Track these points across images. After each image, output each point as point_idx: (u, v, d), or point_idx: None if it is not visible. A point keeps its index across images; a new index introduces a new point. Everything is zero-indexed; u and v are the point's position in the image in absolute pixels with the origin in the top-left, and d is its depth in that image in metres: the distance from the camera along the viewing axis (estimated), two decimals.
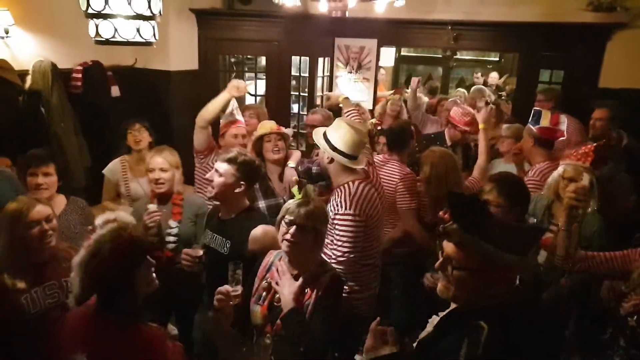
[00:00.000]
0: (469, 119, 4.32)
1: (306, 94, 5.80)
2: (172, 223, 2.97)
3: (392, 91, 7.44)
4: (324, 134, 2.73)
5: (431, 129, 5.12)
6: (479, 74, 9.32)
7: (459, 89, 7.61)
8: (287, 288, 2.06)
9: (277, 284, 2.12)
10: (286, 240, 2.08)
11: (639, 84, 4.83)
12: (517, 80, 5.71)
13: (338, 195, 2.64)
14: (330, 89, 6.07)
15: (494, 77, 8.87)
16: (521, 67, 5.62)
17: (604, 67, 5.02)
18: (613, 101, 4.22)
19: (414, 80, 5.26)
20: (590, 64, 5.04)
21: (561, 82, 5.30)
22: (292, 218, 2.08)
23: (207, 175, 2.56)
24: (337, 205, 2.61)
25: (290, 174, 3.34)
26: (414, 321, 3.10)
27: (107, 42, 2.12)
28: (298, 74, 5.78)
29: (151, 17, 2.14)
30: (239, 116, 3.49)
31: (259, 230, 2.45)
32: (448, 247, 1.58)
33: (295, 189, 2.24)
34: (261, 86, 5.92)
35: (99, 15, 2.07)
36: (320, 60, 5.85)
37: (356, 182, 2.66)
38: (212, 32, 5.52)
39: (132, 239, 1.87)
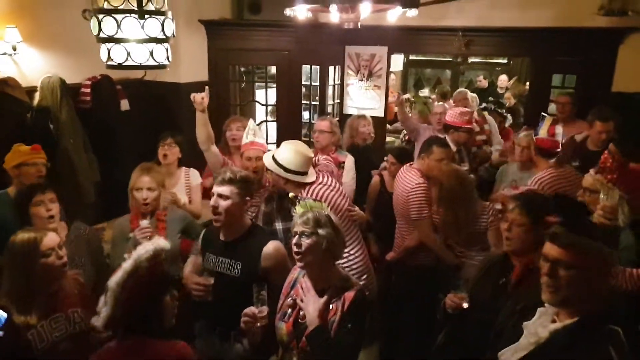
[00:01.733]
0: (468, 117, 4.32)
1: (317, 103, 5.76)
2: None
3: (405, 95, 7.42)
4: (273, 158, 2.99)
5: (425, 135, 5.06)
6: (481, 77, 9.31)
7: (460, 89, 7.54)
8: (311, 305, 2.06)
9: (301, 300, 2.12)
10: (294, 252, 2.10)
11: None
12: (530, 85, 5.65)
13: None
14: (341, 98, 6.02)
15: (503, 79, 8.83)
16: (533, 72, 5.56)
17: (617, 71, 4.95)
18: (610, 109, 4.12)
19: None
20: (602, 68, 4.97)
21: (574, 87, 5.23)
22: (294, 230, 2.14)
23: (211, 203, 2.49)
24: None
25: None
26: (425, 337, 3.10)
27: (119, 66, 2.07)
28: (309, 83, 5.74)
29: (165, 40, 2.10)
30: (255, 138, 3.43)
31: (270, 247, 2.46)
32: (553, 250, 1.67)
33: (297, 206, 2.24)
34: (272, 95, 5.89)
35: (110, 39, 2.03)
36: (331, 68, 5.81)
37: (307, 188, 3.00)
38: (221, 43, 5.49)
39: (165, 264, 1.97)
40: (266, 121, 6.00)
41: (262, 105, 5.98)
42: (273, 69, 5.87)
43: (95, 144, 4.57)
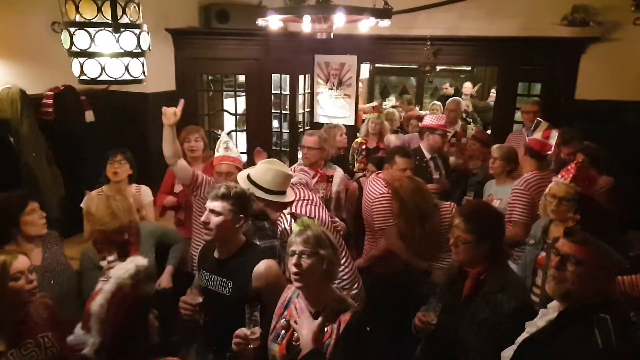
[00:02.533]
0: (443, 121, 4.39)
1: (287, 112, 5.71)
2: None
3: (370, 104, 7.45)
4: (249, 179, 2.85)
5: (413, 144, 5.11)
6: (447, 84, 9.47)
7: (434, 102, 7.66)
8: (305, 328, 1.98)
9: (295, 322, 2.04)
10: (292, 273, 2.01)
11: (612, 96, 4.96)
12: (497, 93, 5.77)
13: (280, 225, 2.85)
14: (311, 106, 6.00)
15: (467, 86, 8.96)
16: (500, 80, 5.68)
17: (580, 79, 5.13)
18: (572, 130, 4.16)
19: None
20: (566, 76, 5.15)
21: (539, 95, 5.36)
22: (292, 249, 2.04)
23: (202, 219, 2.39)
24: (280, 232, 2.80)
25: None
26: (398, 342, 3.10)
27: (93, 81, 1.97)
28: (279, 92, 5.69)
29: (140, 54, 2.02)
30: (226, 152, 3.30)
31: (261, 267, 2.36)
32: (566, 246, 1.80)
33: (294, 223, 2.16)
34: (240, 103, 5.80)
35: (83, 53, 1.93)
36: (301, 77, 5.78)
37: (288, 207, 2.90)
38: (189, 52, 5.38)
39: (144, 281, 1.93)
40: (236, 130, 5.91)
41: (232, 114, 5.89)
42: (241, 77, 5.80)
43: (59, 157, 4.37)
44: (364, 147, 5.08)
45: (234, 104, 5.79)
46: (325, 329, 2.01)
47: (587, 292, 1.75)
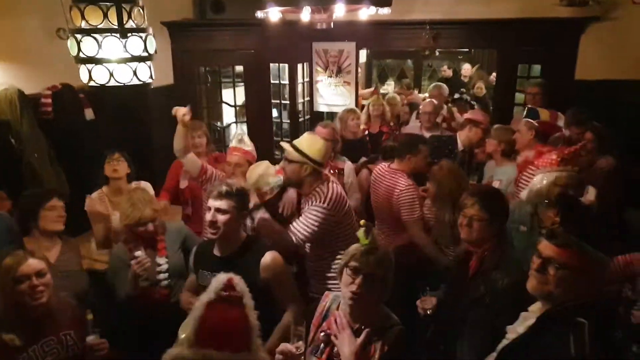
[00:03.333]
0: (487, 117, 4.49)
1: (287, 101, 5.68)
2: (160, 260, 2.90)
3: (368, 90, 7.41)
4: (294, 146, 2.86)
5: None
6: (445, 67, 9.44)
7: (436, 83, 7.60)
8: (347, 347, 1.89)
9: (335, 337, 1.96)
10: (351, 292, 1.91)
11: (612, 75, 4.93)
12: (497, 75, 5.75)
13: (314, 197, 2.84)
14: (310, 95, 5.96)
15: (466, 68, 8.96)
16: (499, 63, 5.64)
17: (579, 60, 5.10)
18: (583, 110, 4.22)
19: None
20: (566, 57, 5.11)
21: (539, 76, 5.33)
22: (357, 265, 1.91)
23: (209, 218, 2.42)
24: (313, 203, 2.81)
25: (289, 197, 3.21)
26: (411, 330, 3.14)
27: (102, 87, 1.96)
28: (278, 82, 5.66)
29: (148, 57, 2.00)
30: (240, 144, 3.37)
31: (267, 258, 2.43)
32: (548, 249, 1.74)
33: (361, 233, 1.99)
34: (239, 94, 5.76)
35: (91, 60, 1.91)
36: (300, 66, 5.73)
37: (325, 183, 2.88)
38: (185, 45, 5.33)
39: None
40: (236, 122, 5.89)
41: (231, 106, 5.85)
42: (239, 67, 5.75)
43: (60, 157, 4.35)
44: (366, 132, 5.08)
45: (233, 95, 5.75)
46: (368, 348, 1.93)
47: (568, 295, 1.72)
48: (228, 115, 6.23)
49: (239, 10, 5.21)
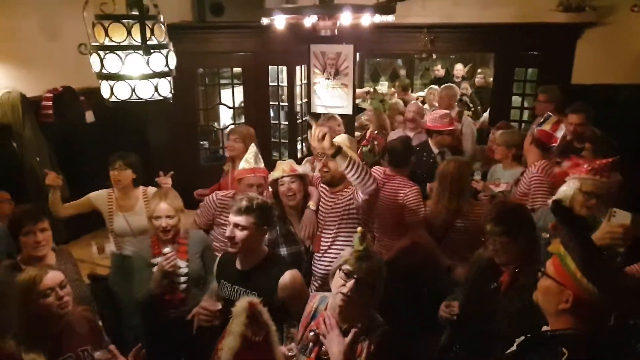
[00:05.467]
0: (448, 119, 4.44)
1: (285, 103, 5.70)
2: (181, 263, 2.90)
3: (363, 89, 7.46)
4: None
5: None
6: (439, 66, 9.44)
7: (432, 86, 7.67)
8: (335, 346, 1.97)
9: (324, 336, 2.04)
10: (342, 293, 1.98)
11: (608, 79, 5.03)
12: (494, 79, 5.81)
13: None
14: (308, 97, 5.98)
15: (459, 68, 8.98)
16: (497, 66, 5.71)
17: (576, 64, 5.20)
18: (582, 103, 4.31)
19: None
20: (562, 61, 5.20)
21: (536, 80, 5.41)
22: (351, 269, 1.99)
23: (227, 234, 2.42)
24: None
25: (309, 218, 3.16)
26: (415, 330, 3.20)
27: (123, 103, 1.97)
28: (276, 83, 5.67)
29: (168, 73, 2.02)
30: (257, 164, 3.23)
31: (287, 278, 2.40)
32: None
33: (356, 239, 2.05)
34: (238, 94, 5.76)
35: (113, 76, 1.92)
36: (298, 68, 5.75)
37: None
38: (184, 47, 5.18)
39: None
40: (234, 124, 5.88)
41: (229, 107, 5.85)
42: (237, 68, 5.75)
43: (61, 160, 4.34)
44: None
45: (232, 97, 5.75)
46: (355, 348, 2.00)
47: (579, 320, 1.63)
48: (225, 117, 6.23)
49: (238, 13, 5.21)
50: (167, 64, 1.99)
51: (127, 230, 3.66)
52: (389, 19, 3.69)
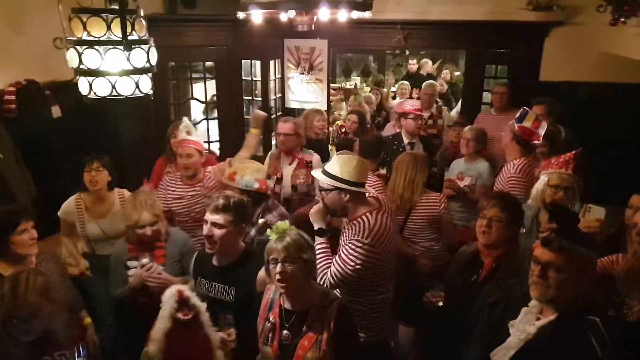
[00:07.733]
0: (416, 105, 4.71)
1: (259, 98, 5.64)
2: (158, 268, 2.83)
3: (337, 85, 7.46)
4: (326, 172, 2.54)
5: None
6: (414, 61, 9.42)
7: (402, 82, 7.71)
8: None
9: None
10: (278, 280, 2.07)
11: (574, 77, 5.16)
12: (465, 75, 5.90)
13: (356, 226, 2.49)
14: (282, 92, 5.93)
15: (428, 64, 9.04)
16: (468, 63, 5.80)
17: (544, 62, 5.31)
18: (549, 97, 4.45)
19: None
20: (531, 59, 5.30)
21: (505, 77, 5.52)
22: (274, 256, 2.09)
23: (205, 232, 2.43)
24: (354, 235, 2.47)
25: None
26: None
27: (103, 99, 1.89)
28: (250, 78, 5.60)
29: (149, 69, 1.95)
30: (187, 135, 3.53)
31: (264, 272, 2.36)
32: (545, 254, 1.83)
33: (269, 231, 2.18)
34: (210, 89, 5.67)
35: (92, 72, 1.83)
36: (272, 62, 5.69)
37: (374, 213, 2.52)
38: (155, 40, 5.11)
39: None
40: (206, 119, 5.79)
41: (201, 102, 5.75)
42: (210, 63, 5.66)
43: (26, 156, 4.16)
44: (343, 129, 5.17)
45: (204, 92, 5.65)
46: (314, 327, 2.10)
47: (571, 295, 1.82)
48: (196, 111, 6.12)
49: (210, 6, 5.12)
50: (148, 60, 1.92)
51: (101, 236, 3.56)
52: (366, 15, 3.69)
